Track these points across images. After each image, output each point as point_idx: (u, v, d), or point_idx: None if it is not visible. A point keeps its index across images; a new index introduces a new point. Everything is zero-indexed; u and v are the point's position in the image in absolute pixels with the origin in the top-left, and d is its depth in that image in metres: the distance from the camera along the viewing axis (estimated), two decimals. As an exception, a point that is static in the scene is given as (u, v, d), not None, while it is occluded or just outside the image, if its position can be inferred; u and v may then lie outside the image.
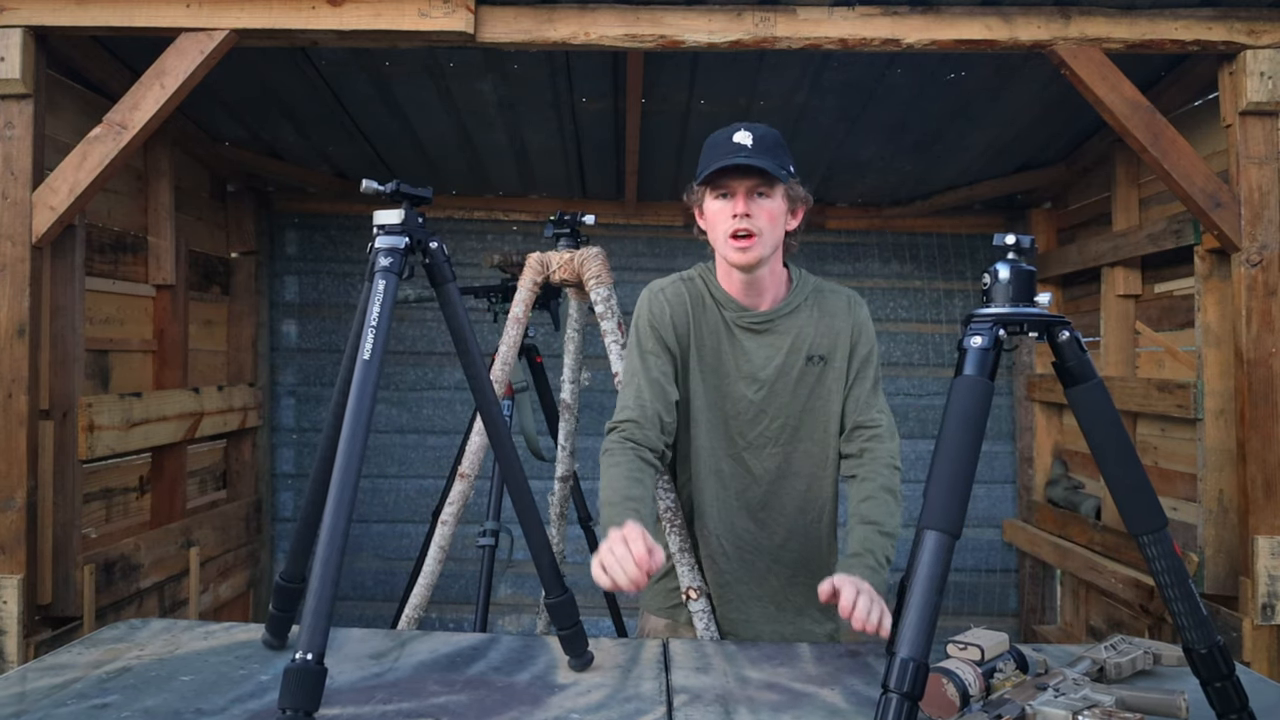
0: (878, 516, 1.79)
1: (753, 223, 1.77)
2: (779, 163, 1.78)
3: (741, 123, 1.83)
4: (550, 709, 1.47)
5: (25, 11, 2.44)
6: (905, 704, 1.13)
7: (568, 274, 2.38)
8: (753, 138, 1.78)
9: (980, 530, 4.54)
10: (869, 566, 1.71)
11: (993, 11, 2.52)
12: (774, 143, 1.80)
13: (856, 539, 1.78)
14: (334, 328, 4.53)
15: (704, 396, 1.90)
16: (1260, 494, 2.55)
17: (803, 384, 1.89)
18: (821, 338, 1.90)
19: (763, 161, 1.75)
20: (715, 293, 1.90)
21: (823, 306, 1.91)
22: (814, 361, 1.89)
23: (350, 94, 3.30)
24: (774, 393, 1.89)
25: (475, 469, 2.35)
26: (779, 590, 1.96)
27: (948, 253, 4.54)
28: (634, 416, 1.82)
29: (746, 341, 1.89)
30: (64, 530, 2.63)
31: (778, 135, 1.83)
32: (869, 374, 1.92)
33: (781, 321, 1.89)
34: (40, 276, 2.55)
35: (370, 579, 4.51)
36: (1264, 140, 2.56)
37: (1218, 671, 1.29)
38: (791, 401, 1.89)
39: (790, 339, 1.89)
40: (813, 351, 1.89)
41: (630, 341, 1.93)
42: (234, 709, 1.44)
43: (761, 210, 1.78)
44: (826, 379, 1.90)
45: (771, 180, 1.78)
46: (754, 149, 1.76)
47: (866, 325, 1.94)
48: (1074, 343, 1.30)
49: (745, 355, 1.89)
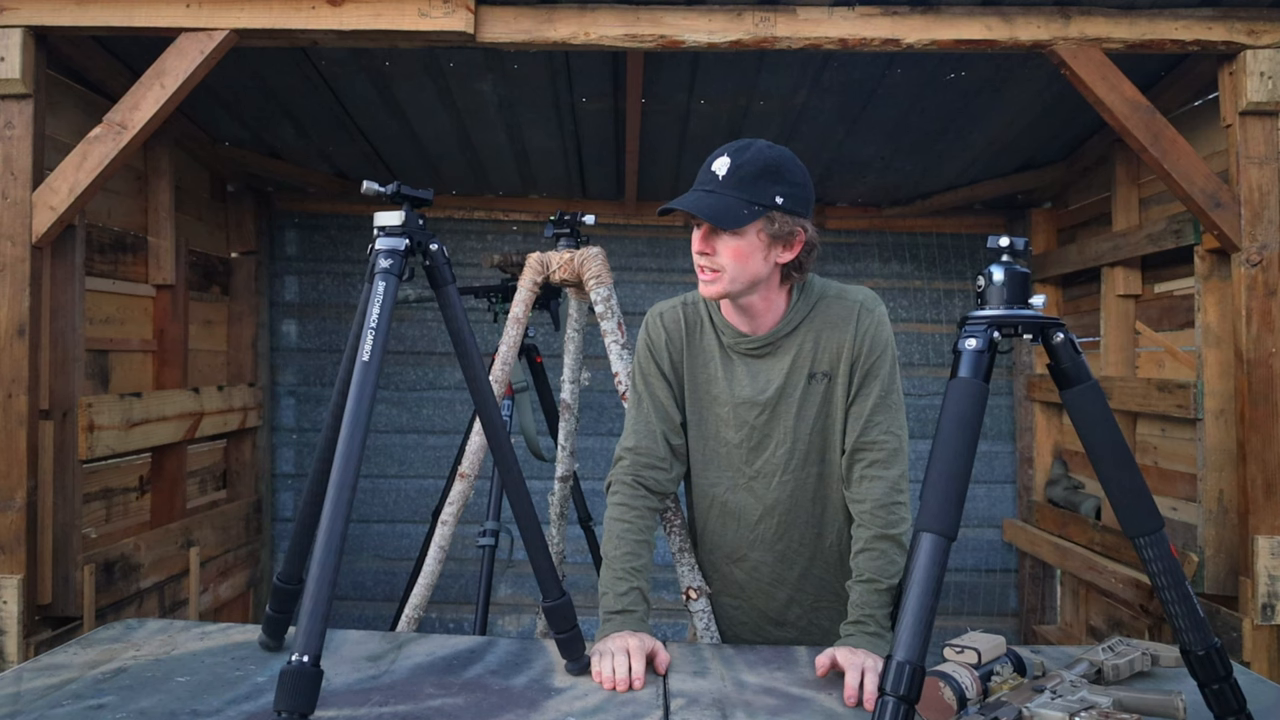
0: (873, 571, 1.67)
1: (712, 260, 1.67)
2: (748, 197, 1.63)
3: (733, 144, 1.69)
4: (547, 712, 1.47)
5: (25, 11, 2.44)
6: (902, 707, 1.13)
7: (568, 274, 2.38)
8: (729, 167, 1.65)
9: (980, 530, 4.54)
10: (869, 634, 1.63)
11: (993, 11, 2.52)
12: (754, 172, 1.64)
13: (855, 600, 1.68)
14: (334, 328, 4.53)
15: (698, 429, 1.84)
16: (1260, 494, 2.54)
17: (808, 404, 1.77)
18: (823, 353, 1.76)
19: (710, 205, 1.63)
20: (715, 318, 1.82)
21: (826, 318, 1.77)
22: (817, 379, 1.77)
23: (350, 94, 3.30)
24: (776, 415, 1.78)
25: (475, 469, 2.35)
26: (803, 616, 1.89)
27: (948, 253, 4.54)
28: (639, 444, 1.83)
29: (745, 366, 1.79)
30: (64, 530, 2.63)
31: (767, 161, 1.66)
32: (873, 388, 1.74)
33: (781, 342, 1.77)
34: (40, 276, 2.55)
35: (370, 579, 4.51)
36: (1264, 140, 2.55)
37: (1215, 673, 1.29)
38: (798, 424, 1.78)
39: (790, 358, 1.77)
40: (814, 369, 1.76)
41: (633, 366, 1.91)
42: (229, 710, 1.44)
43: (725, 248, 1.65)
44: (833, 396, 1.77)
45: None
46: (724, 181, 1.64)
47: (874, 333, 1.75)
48: (1068, 344, 1.30)
49: (744, 380, 1.79)
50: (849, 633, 1.65)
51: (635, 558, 1.75)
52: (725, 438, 1.83)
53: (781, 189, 1.65)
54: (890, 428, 1.75)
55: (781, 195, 1.64)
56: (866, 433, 1.74)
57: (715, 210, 1.63)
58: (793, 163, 1.70)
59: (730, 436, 1.82)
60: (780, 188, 1.65)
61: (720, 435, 1.83)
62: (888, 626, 1.64)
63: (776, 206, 1.64)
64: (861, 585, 1.68)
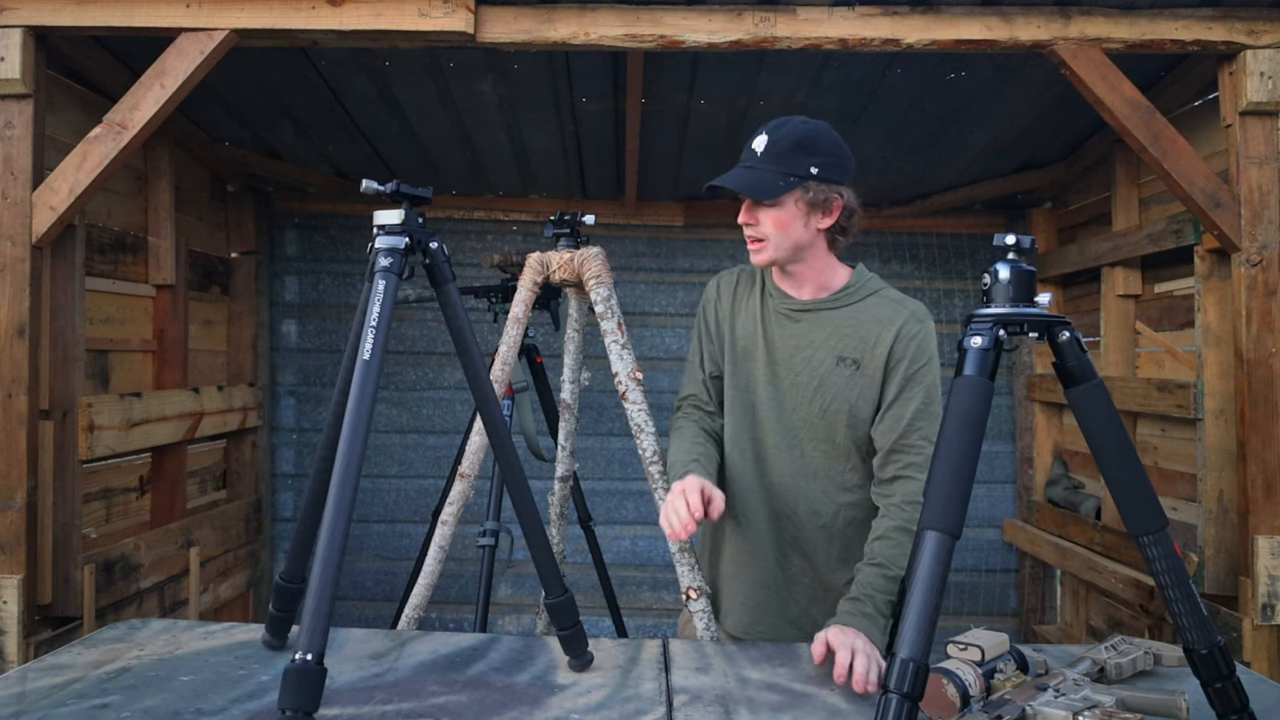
0: (885, 558, 1.72)
1: (756, 229, 1.82)
2: (784, 169, 1.76)
3: (771, 122, 1.82)
4: (550, 709, 1.47)
5: (25, 11, 2.43)
6: (905, 704, 1.13)
7: (568, 274, 2.37)
8: (765, 143, 1.79)
9: (980, 530, 4.54)
10: (865, 614, 1.66)
11: (993, 11, 2.52)
12: (789, 146, 1.77)
13: (860, 580, 1.73)
14: (334, 328, 4.53)
15: (734, 381, 1.96)
16: (1260, 494, 2.55)
17: (828, 384, 1.84)
18: (858, 340, 1.83)
19: (748, 179, 1.78)
20: (767, 282, 1.94)
21: (872, 311, 1.85)
22: (844, 363, 1.83)
23: (350, 94, 3.30)
24: (795, 386, 1.87)
25: (475, 469, 2.35)
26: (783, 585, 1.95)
27: (948, 253, 4.54)
28: (696, 392, 2.04)
29: (781, 328, 1.89)
30: (64, 530, 2.63)
31: (801, 136, 1.79)
32: (917, 394, 1.79)
33: (821, 314, 1.87)
34: (40, 276, 2.55)
35: (370, 579, 4.51)
36: (1264, 140, 2.56)
37: (1218, 672, 1.29)
38: (814, 398, 1.85)
39: (825, 333, 1.85)
40: (844, 353, 1.84)
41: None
42: (233, 709, 1.44)
43: (766, 218, 1.80)
44: (856, 384, 1.83)
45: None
46: (762, 156, 1.78)
47: (920, 340, 1.81)
48: (1074, 343, 1.30)
49: (777, 342, 1.89)
50: (846, 609, 1.68)
51: (699, 446, 1.94)
52: (756, 393, 1.92)
53: (816, 160, 1.77)
54: (929, 434, 1.79)
55: (816, 166, 1.77)
56: (906, 435, 1.79)
57: (751, 184, 1.78)
58: (827, 134, 1.82)
59: (760, 392, 1.92)
60: (815, 159, 1.77)
61: (752, 389, 1.93)
62: (885, 612, 1.67)
63: (812, 176, 1.77)
64: (870, 568, 1.72)
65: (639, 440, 2.18)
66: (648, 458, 2.14)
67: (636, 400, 2.18)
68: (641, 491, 4.48)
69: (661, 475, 2.09)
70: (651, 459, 2.14)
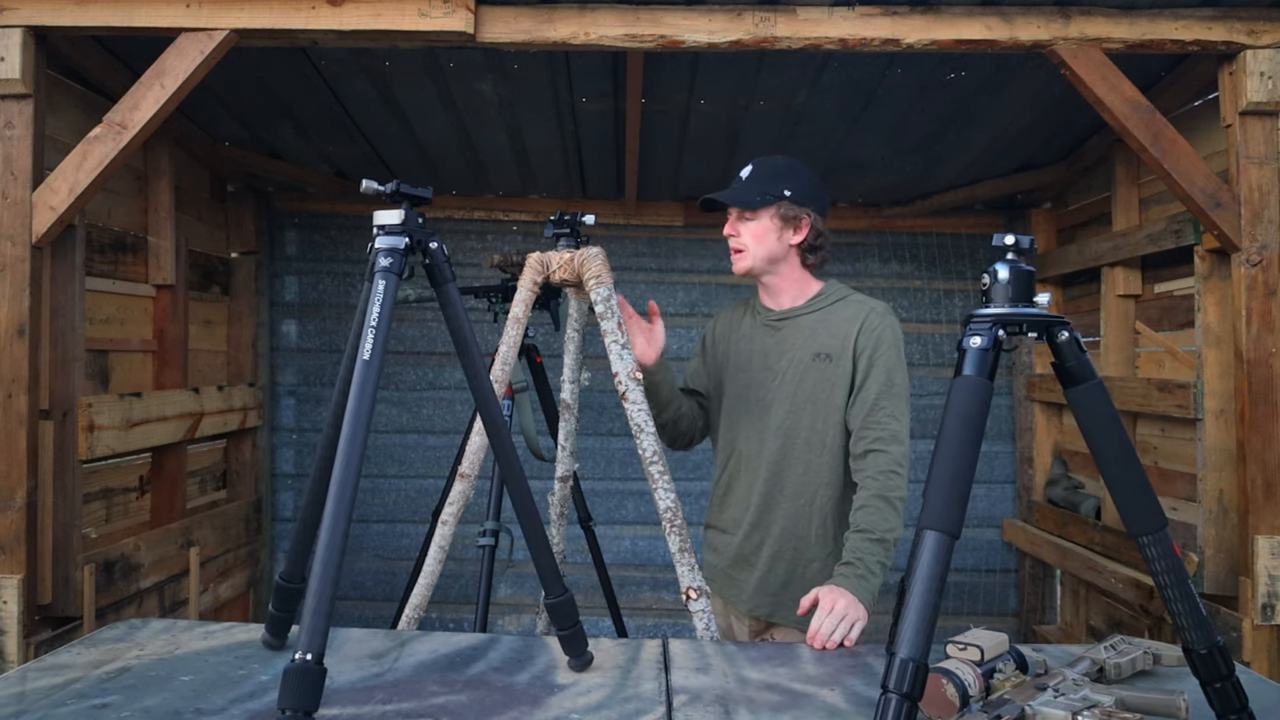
0: (868, 524, 1.95)
1: (738, 240, 2.16)
2: (762, 189, 2.11)
3: (758, 157, 2.19)
4: (550, 709, 1.47)
5: (25, 11, 2.43)
6: (905, 704, 1.13)
7: (568, 274, 2.37)
8: (751, 170, 2.16)
9: (980, 530, 4.54)
10: (858, 575, 1.89)
11: (993, 11, 2.52)
12: (769, 172, 2.14)
13: (848, 548, 1.95)
14: (334, 328, 4.53)
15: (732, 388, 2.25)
16: (1260, 494, 2.55)
17: (808, 378, 2.12)
18: (830, 337, 2.12)
19: (733, 194, 2.14)
20: (755, 302, 2.28)
21: (840, 312, 2.14)
22: (820, 358, 2.12)
23: (350, 94, 3.30)
24: (784, 384, 2.15)
25: (475, 469, 2.35)
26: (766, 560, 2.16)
27: (948, 253, 4.54)
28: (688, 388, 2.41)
29: (766, 338, 2.21)
30: (64, 530, 2.63)
31: (779, 166, 2.15)
32: (876, 377, 2.06)
33: (797, 320, 2.17)
34: (40, 276, 2.55)
35: (370, 579, 4.51)
36: (1264, 140, 2.56)
37: (1217, 672, 1.29)
38: (797, 392, 2.13)
39: (802, 336, 2.15)
40: (820, 349, 2.12)
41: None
42: (233, 709, 1.44)
43: (746, 229, 2.14)
44: (832, 376, 2.11)
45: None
46: (745, 180, 2.15)
47: (878, 330, 2.09)
48: (1073, 343, 1.30)
49: (764, 349, 2.20)
50: (840, 573, 1.92)
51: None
52: (749, 397, 2.22)
53: (789, 184, 2.12)
54: (893, 411, 2.05)
55: (789, 189, 2.12)
56: (873, 413, 2.05)
57: (734, 197, 2.14)
58: (803, 169, 2.18)
59: (752, 396, 2.21)
60: (789, 184, 2.12)
61: (746, 395, 2.22)
62: (876, 572, 1.91)
63: (784, 197, 2.11)
64: (856, 535, 1.95)
65: (639, 440, 2.17)
66: (648, 458, 2.14)
67: (636, 400, 2.18)
68: (641, 491, 4.47)
69: (661, 475, 2.09)
70: (651, 459, 2.13)
